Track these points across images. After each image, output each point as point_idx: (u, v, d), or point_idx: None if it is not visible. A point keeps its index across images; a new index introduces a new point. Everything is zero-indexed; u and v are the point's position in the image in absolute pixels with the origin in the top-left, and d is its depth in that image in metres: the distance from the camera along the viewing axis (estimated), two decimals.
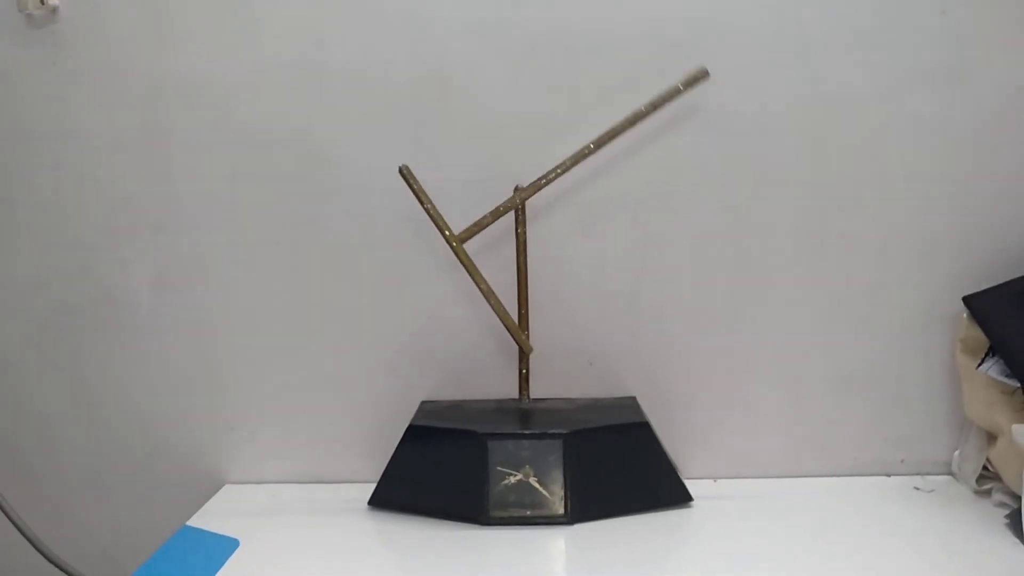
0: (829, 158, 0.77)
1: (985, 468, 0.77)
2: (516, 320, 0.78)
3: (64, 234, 0.81)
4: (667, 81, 0.74)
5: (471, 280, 0.74)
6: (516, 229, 0.76)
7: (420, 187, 0.72)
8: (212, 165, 0.79)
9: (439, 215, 0.73)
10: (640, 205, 0.78)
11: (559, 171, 0.73)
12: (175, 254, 0.81)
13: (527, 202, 0.75)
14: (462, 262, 0.73)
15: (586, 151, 0.72)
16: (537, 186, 0.74)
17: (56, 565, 0.78)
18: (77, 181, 0.80)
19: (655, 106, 0.72)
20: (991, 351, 0.75)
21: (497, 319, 0.76)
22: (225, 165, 0.79)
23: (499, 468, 0.73)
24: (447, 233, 0.73)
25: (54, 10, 0.76)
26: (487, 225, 0.74)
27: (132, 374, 0.83)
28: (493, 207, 0.74)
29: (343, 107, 0.77)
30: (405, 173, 0.72)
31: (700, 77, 0.72)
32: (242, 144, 0.78)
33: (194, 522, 0.76)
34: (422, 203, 0.73)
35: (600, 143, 0.72)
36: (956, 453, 0.81)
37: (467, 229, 0.74)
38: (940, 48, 0.74)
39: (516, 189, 0.75)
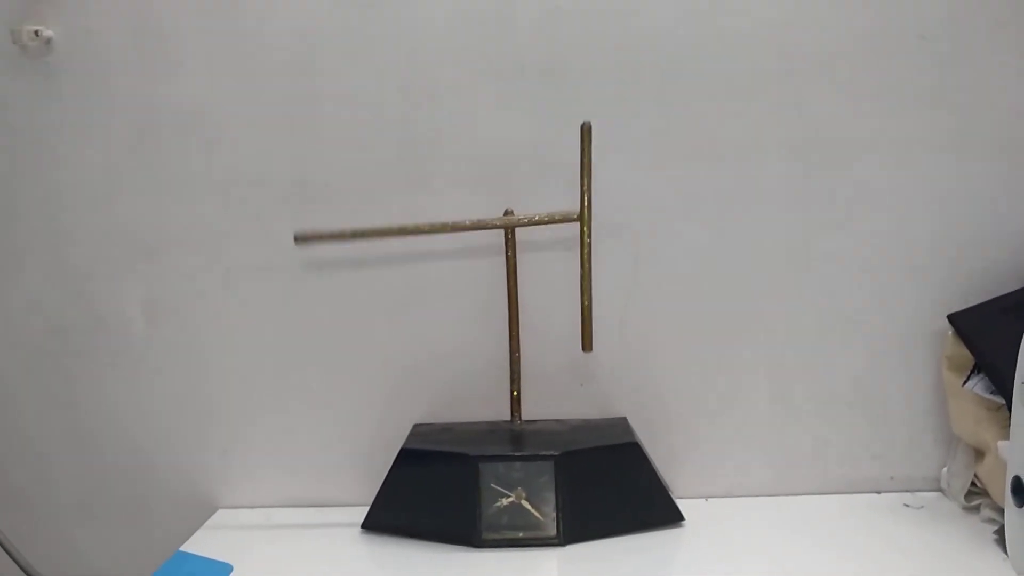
0: (814, 179, 0.78)
1: (973, 484, 0.77)
2: (508, 342, 0.78)
3: (57, 261, 0.82)
4: (653, 102, 0.75)
5: (463, 304, 0.74)
6: (506, 253, 0.77)
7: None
8: (205, 191, 0.79)
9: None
10: (629, 226, 0.79)
11: (548, 220, 0.74)
12: (168, 281, 0.81)
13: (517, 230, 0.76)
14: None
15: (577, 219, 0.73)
16: (527, 223, 0.75)
17: None
18: (70, 209, 0.80)
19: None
20: (976, 368, 0.76)
21: (490, 342, 0.76)
22: (217, 191, 0.79)
23: (493, 486, 0.73)
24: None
25: (48, 41, 0.77)
26: (469, 229, 0.75)
27: (125, 399, 0.83)
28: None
29: (334, 134, 0.78)
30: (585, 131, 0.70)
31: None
32: (234, 172, 0.79)
33: (188, 547, 0.76)
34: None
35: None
36: (944, 470, 0.81)
37: (452, 224, 0.74)
38: (921, 71, 0.75)
39: (506, 212, 0.76)
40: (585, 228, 0.73)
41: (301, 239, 0.74)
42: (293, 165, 0.79)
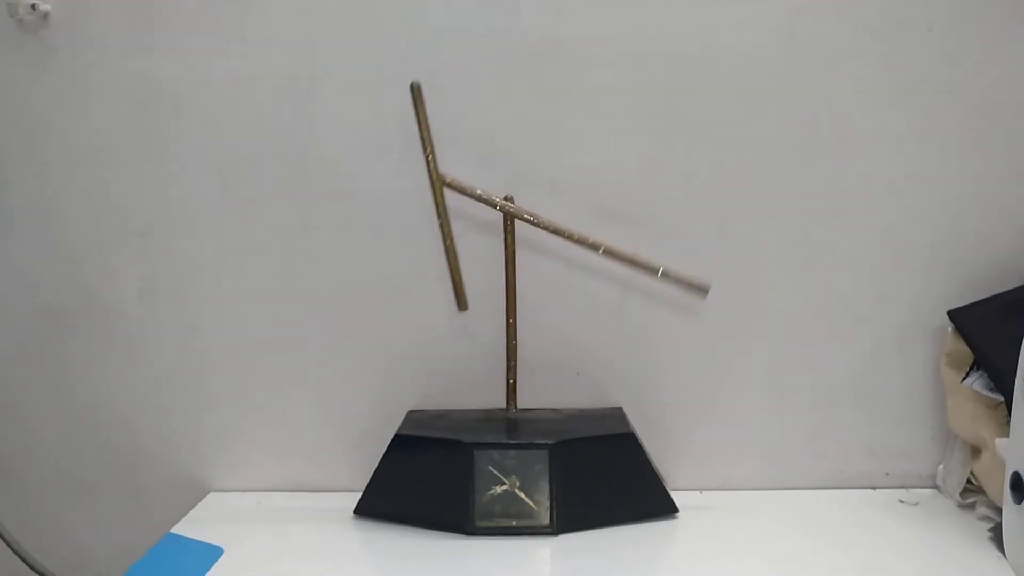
0: (815, 171, 0.77)
1: (969, 482, 0.77)
2: (505, 330, 0.78)
3: (52, 240, 0.81)
4: (657, 94, 0.75)
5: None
6: (505, 239, 0.76)
7: (424, 114, 0.72)
8: (201, 171, 0.79)
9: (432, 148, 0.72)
10: (628, 217, 0.78)
11: (551, 229, 0.74)
12: (163, 260, 0.81)
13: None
14: (436, 203, 0.73)
15: (583, 240, 0.74)
16: (527, 218, 0.74)
17: (38, 572, 0.77)
18: (65, 187, 0.80)
19: (662, 274, 0.74)
20: (975, 365, 0.76)
21: (487, 329, 0.76)
22: (214, 171, 0.79)
23: (487, 474, 0.73)
24: (432, 168, 0.72)
25: (45, 16, 0.76)
26: (471, 196, 0.74)
27: (118, 381, 0.83)
28: (483, 218, 0.75)
29: (333, 114, 0.77)
30: (415, 91, 0.71)
31: (701, 290, 0.74)
32: (231, 151, 0.78)
33: (178, 529, 0.75)
34: (420, 129, 0.72)
35: (595, 247, 0.74)
36: (940, 467, 0.81)
37: (454, 182, 0.73)
38: (927, 63, 0.75)
39: (506, 197, 0.75)
40: (439, 198, 0.73)
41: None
42: (292, 144, 0.78)
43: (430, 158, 0.72)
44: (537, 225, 0.74)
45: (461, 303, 0.76)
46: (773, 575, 0.67)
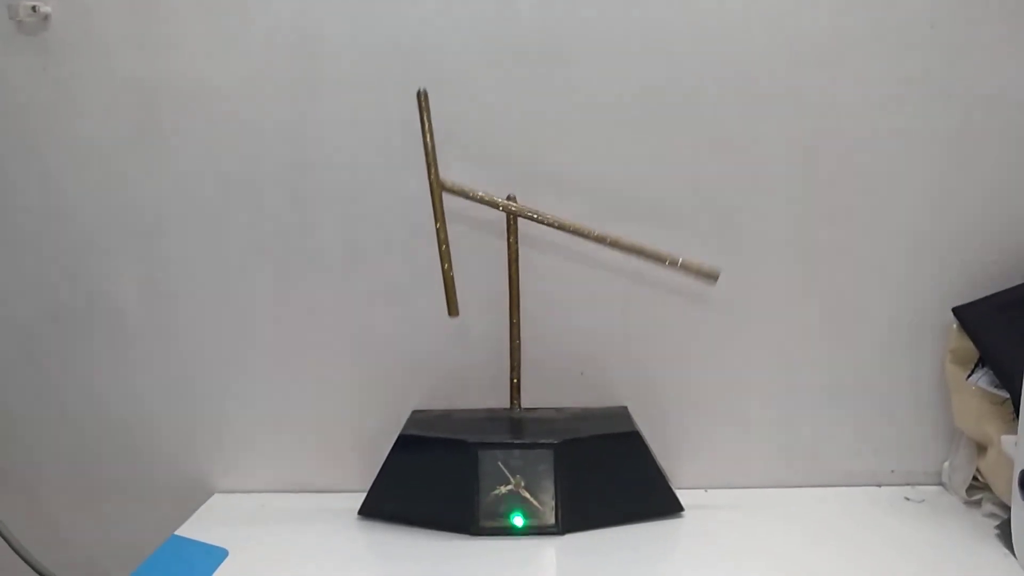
0: (818, 168, 0.77)
1: (975, 479, 0.77)
2: (508, 330, 0.78)
3: (52, 241, 0.81)
4: (658, 91, 0.75)
5: (463, 290, 0.74)
6: (508, 239, 0.76)
7: (430, 121, 0.71)
8: (203, 171, 0.78)
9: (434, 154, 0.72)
10: (631, 215, 0.78)
11: (555, 225, 0.73)
12: (164, 261, 0.80)
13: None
14: (434, 209, 0.72)
15: (588, 233, 0.73)
16: (530, 215, 0.74)
17: (41, 575, 0.77)
18: (66, 187, 0.79)
19: (670, 263, 0.73)
20: (981, 362, 0.75)
21: (491, 329, 0.76)
22: (216, 172, 0.78)
23: (491, 474, 0.73)
24: (433, 176, 0.72)
25: (46, 17, 0.76)
26: (473, 199, 0.73)
27: (121, 382, 0.83)
28: (484, 216, 0.75)
29: (335, 114, 0.77)
30: (422, 98, 0.71)
31: (710, 276, 0.73)
32: (233, 151, 0.78)
33: (183, 531, 0.75)
34: (424, 136, 0.71)
35: (600, 240, 0.73)
36: (946, 464, 0.81)
37: (454, 186, 0.73)
38: (929, 60, 0.74)
39: (508, 197, 0.75)
40: (436, 195, 0.72)
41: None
42: (294, 144, 0.78)
43: (431, 166, 0.72)
44: (541, 222, 0.74)
45: (452, 309, 0.74)
46: (779, 573, 0.66)
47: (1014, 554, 0.68)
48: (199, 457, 0.84)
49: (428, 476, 0.75)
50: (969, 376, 0.76)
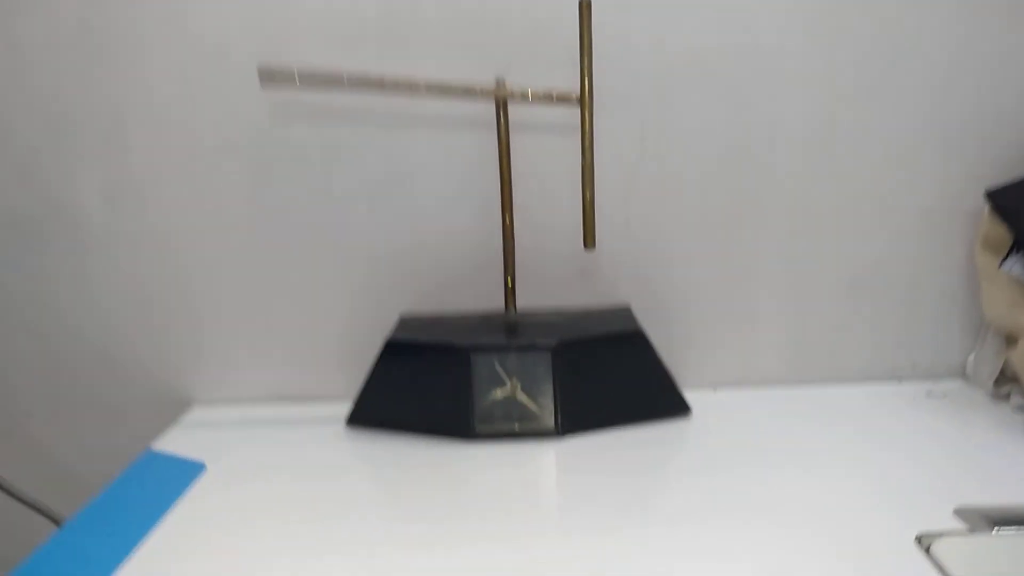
0: (840, 44, 0.70)
1: (1002, 372, 0.72)
2: (501, 229, 0.71)
3: (5, 145, 0.74)
4: None
5: (451, 186, 0.67)
6: (498, 129, 0.69)
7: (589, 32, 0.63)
8: (164, 70, 0.71)
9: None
10: (636, 103, 0.71)
11: (545, 98, 0.66)
12: (128, 165, 0.74)
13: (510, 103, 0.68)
14: (583, 121, 0.64)
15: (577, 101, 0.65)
16: (520, 98, 0.67)
17: (11, 493, 0.73)
18: (18, 91, 0.72)
19: None
20: (1015, 247, 0.70)
21: (483, 228, 0.69)
22: (178, 70, 0.71)
23: (486, 378, 0.69)
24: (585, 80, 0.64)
25: None
26: (456, 94, 0.67)
27: (90, 293, 0.77)
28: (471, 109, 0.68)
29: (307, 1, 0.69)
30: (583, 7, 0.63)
31: None
32: (197, 43, 0.70)
33: (159, 445, 0.71)
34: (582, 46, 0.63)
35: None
36: (971, 356, 0.76)
37: (439, 85, 0.66)
38: None
39: (497, 81, 0.68)
40: (586, 113, 0.64)
41: (266, 77, 0.64)
42: (260, 35, 0.70)
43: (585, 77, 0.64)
44: (534, 100, 0.67)
45: (589, 240, 0.66)
46: (792, 474, 0.62)
47: None
48: (176, 368, 0.79)
49: (419, 383, 0.71)
50: (1002, 263, 0.70)
